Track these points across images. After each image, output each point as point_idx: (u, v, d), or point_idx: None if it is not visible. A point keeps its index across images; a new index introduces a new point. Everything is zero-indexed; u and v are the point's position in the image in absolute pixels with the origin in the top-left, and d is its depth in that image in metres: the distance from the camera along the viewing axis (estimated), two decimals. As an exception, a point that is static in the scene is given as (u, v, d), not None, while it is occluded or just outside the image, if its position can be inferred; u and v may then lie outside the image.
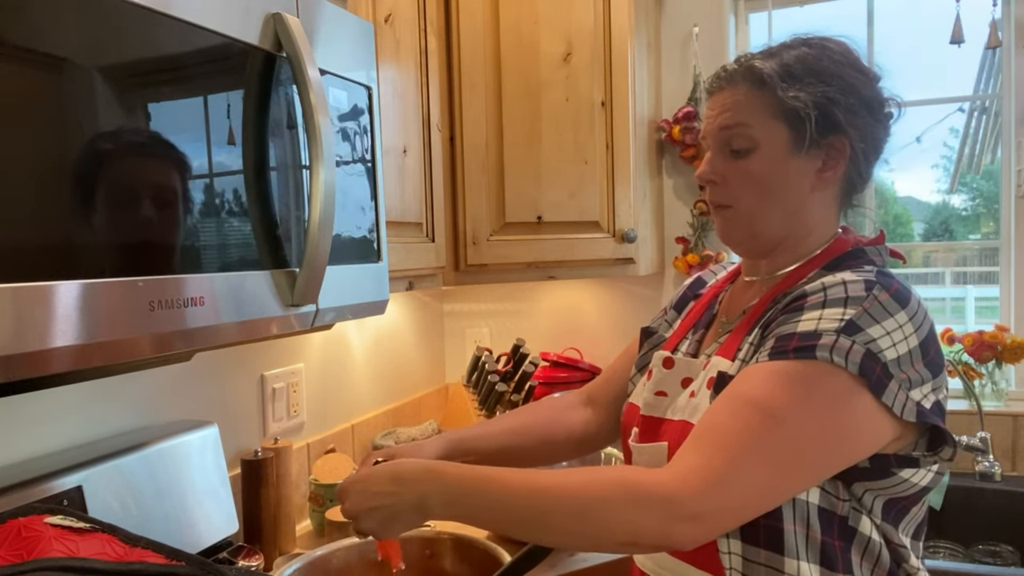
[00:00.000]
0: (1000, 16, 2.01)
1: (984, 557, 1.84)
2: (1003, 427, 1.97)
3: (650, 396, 1.01)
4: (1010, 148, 2.05)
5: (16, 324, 0.65)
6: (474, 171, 1.87)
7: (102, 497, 1.12)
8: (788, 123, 0.92)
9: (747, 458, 0.79)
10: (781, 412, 0.80)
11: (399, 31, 1.56)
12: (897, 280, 0.87)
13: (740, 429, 0.80)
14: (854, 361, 0.80)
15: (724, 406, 0.84)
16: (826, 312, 0.83)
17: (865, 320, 0.82)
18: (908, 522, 0.90)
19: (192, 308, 0.83)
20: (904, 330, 0.83)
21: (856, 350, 0.80)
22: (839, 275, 0.88)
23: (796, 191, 0.95)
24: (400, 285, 1.56)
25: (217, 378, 1.50)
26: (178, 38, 0.82)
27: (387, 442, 1.89)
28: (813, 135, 0.92)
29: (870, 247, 0.96)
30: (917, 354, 0.84)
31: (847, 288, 0.85)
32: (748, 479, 0.79)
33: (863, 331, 0.81)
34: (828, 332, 0.81)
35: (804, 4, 2.21)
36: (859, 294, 0.84)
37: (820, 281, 0.88)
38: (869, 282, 0.85)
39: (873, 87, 0.95)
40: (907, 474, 0.86)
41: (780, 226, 0.96)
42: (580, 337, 2.36)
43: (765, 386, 0.82)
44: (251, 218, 0.93)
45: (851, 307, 0.83)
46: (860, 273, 0.87)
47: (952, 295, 2.26)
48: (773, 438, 0.80)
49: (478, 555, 1.18)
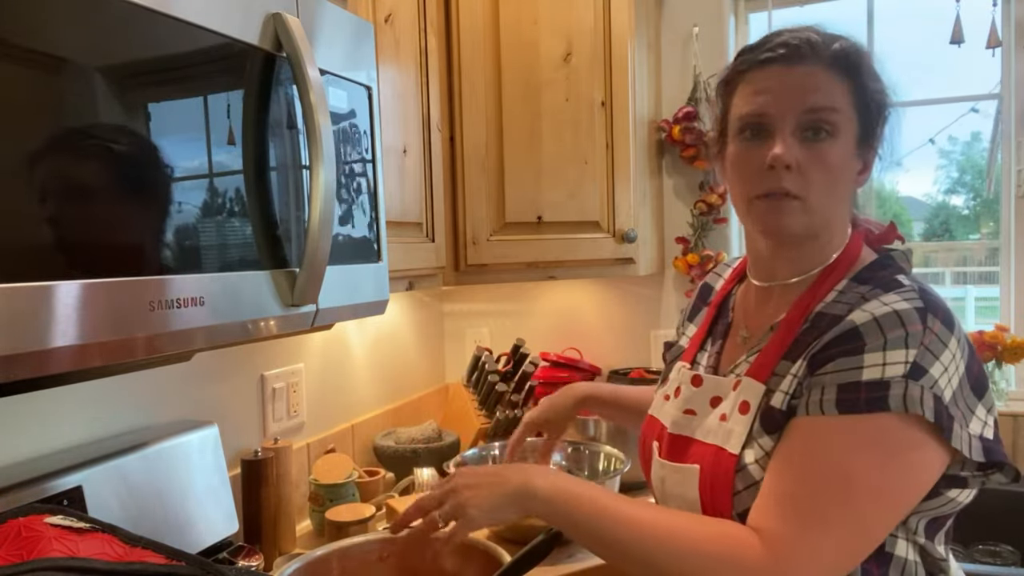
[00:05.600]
0: (1000, 16, 2.01)
1: (984, 557, 1.83)
2: (1003, 427, 1.97)
3: (678, 414, 0.99)
4: (1010, 148, 2.05)
5: (16, 324, 0.65)
6: (474, 171, 1.87)
7: (102, 497, 1.12)
8: (860, 116, 0.89)
9: (840, 530, 0.79)
10: (866, 479, 0.79)
11: (399, 31, 1.56)
12: (934, 293, 0.84)
13: (831, 499, 0.79)
14: (929, 407, 0.77)
15: (807, 469, 0.81)
16: (889, 355, 0.79)
17: (927, 359, 0.79)
18: (944, 533, 0.89)
19: (192, 308, 0.83)
20: (956, 359, 0.81)
21: (928, 396, 0.78)
22: (886, 299, 0.83)
23: (848, 189, 0.92)
24: (400, 285, 1.56)
25: (217, 378, 1.50)
26: (178, 38, 0.82)
27: (387, 442, 1.89)
28: (876, 134, 0.90)
29: (896, 252, 0.94)
30: (964, 381, 0.82)
31: (903, 320, 0.80)
32: (841, 550, 0.80)
33: (927, 373, 0.78)
34: (896, 380, 0.78)
35: (804, 4, 2.21)
36: (916, 328, 0.80)
37: (869, 312, 0.82)
38: (920, 310, 0.81)
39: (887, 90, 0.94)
40: (954, 494, 0.85)
41: (827, 224, 0.91)
42: (580, 337, 2.36)
43: (845, 449, 0.79)
44: (251, 218, 0.93)
45: (912, 346, 0.79)
46: (906, 296, 0.83)
47: (952, 295, 2.26)
48: (862, 506, 0.79)
49: (478, 555, 1.18)
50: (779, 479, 0.82)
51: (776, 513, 0.80)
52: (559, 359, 2.26)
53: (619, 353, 2.33)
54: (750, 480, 0.86)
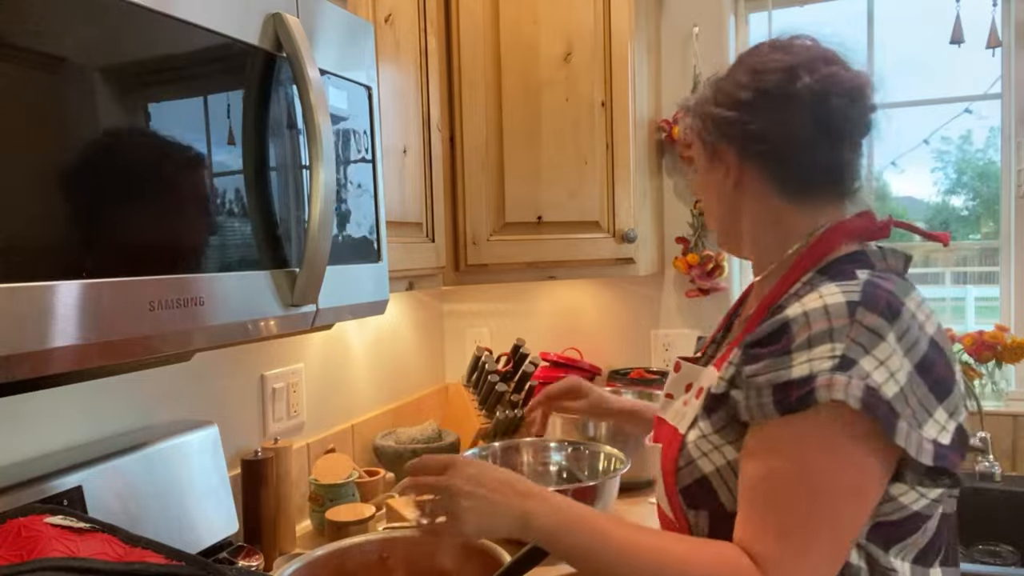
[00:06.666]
0: (1000, 16, 2.01)
1: (984, 557, 1.83)
2: (1003, 427, 1.97)
3: (662, 397, 1.05)
4: (1010, 148, 2.05)
5: (16, 324, 0.65)
6: (474, 171, 1.87)
7: (102, 497, 1.12)
8: (700, 142, 1.01)
9: (820, 538, 0.80)
10: (824, 481, 0.79)
11: (399, 31, 1.56)
12: (887, 289, 0.82)
13: (803, 511, 0.80)
14: (855, 396, 0.76)
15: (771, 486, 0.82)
16: (815, 351, 0.79)
17: (856, 352, 0.78)
18: (906, 547, 0.86)
19: (192, 308, 0.83)
20: (897, 353, 0.79)
21: (856, 386, 0.77)
22: (821, 291, 0.83)
23: (729, 199, 1.00)
24: (400, 285, 1.56)
25: (217, 378, 1.50)
26: (178, 38, 0.82)
27: (387, 442, 1.89)
28: (709, 149, 0.99)
29: (873, 248, 0.92)
30: (915, 379, 0.79)
31: (829, 314, 0.80)
32: (828, 555, 0.80)
33: (857, 364, 0.78)
34: (823, 373, 0.78)
35: (804, 4, 2.21)
36: (842, 323, 0.79)
37: (800, 304, 0.83)
38: (851, 303, 0.80)
39: (769, 81, 0.92)
40: (898, 492, 0.83)
41: (737, 232, 1.01)
42: (580, 337, 2.36)
43: (795, 454, 0.80)
44: (251, 218, 0.93)
45: (837, 340, 0.79)
46: (845, 287, 0.82)
47: (952, 295, 2.27)
48: (831, 509, 0.80)
49: (478, 555, 1.18)
50: (751, 497, 0.84)
51: (759, 535, 0.81)
52: (559, 359, 2.26)
53: (619, 353, 2.33)
54: (689, 459, 0.91)
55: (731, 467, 0.88)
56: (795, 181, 0.95)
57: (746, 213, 0.99)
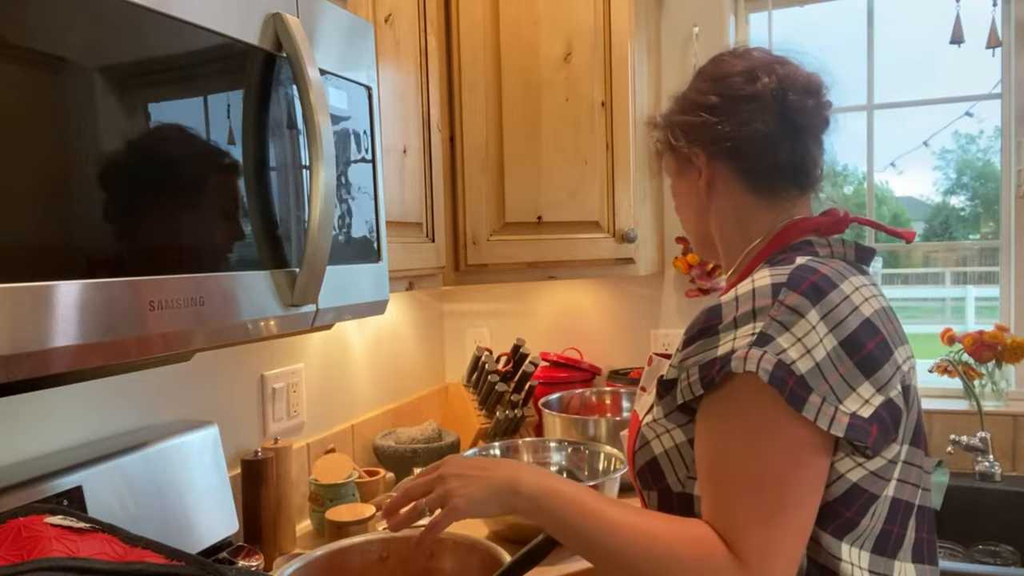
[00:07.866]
0: (1000, 16, 2.01)
1: (984, 557, 1.84)
2: (1003, 427, 1.97)
3: (638, 391, 1.07)
4: (1010, 148, 2.05)
5: (16, 324, 0.65)
6: (474, 171, 1.87)
7: (102, 497, 1.12)
8: (670, 152, 1.08)
9: (776, 513, 0.81)
10: (761, 453, 0.82)
11: (399, 31, 1.56)
12: (819, 272, 0.85)
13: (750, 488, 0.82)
14: (765, 369, 0.80)
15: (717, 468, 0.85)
16: (740, 331, 0.83)
17: (775, 329, 0.82)
18: (857, 536, 0.86)
19: (192, 308, 0.83)
20: (818, 331, 0.81)
21: (767, 359, 0.80)
22: (757, 275, 0.87)
23: (701, 200, 1.04)
24: (400, 285, 1.56)
25: (217, 378, 1.50)
26: (178, 38, 0.82)
27: (387, 442, 1.89)
28: (680, 157, 1.05)
29: (818, 237, 0.95)
30: (840, 355, 0.82)
31: (755, 296, 0.85)
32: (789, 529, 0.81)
33: (773, 340, 0.81)
34: (741, 348, 0.82)
35: (804, 4, 2.21)
36: (765, 303, 0.83)
37: (734, 289, 0.88)
38: (776, 284, 0.84)
39: (731, 84, 0.98)
40: (833, 458, 0.84)
41: (706, 232, 1.06)
42: (580, 337, 2.36)
43: (725, 432, 0.84)
44: (251, 218, 0.93)
45: (760, 319, 0.83)
46: (776, 271, 0.86)
47: (952, 295, 2.27)
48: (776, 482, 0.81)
49: (478, 555, 1.18)
50: (703, 475, 0.87)
51: (720, 516, 0.84)
52: (559, 359, 2.26)
53: (619, 353, 2.34)
54: (644, 441, 0.95)
55: (678, 450, 0.91)
56: (762, 175, 0.99)
57: (714, 214, 1.04)
